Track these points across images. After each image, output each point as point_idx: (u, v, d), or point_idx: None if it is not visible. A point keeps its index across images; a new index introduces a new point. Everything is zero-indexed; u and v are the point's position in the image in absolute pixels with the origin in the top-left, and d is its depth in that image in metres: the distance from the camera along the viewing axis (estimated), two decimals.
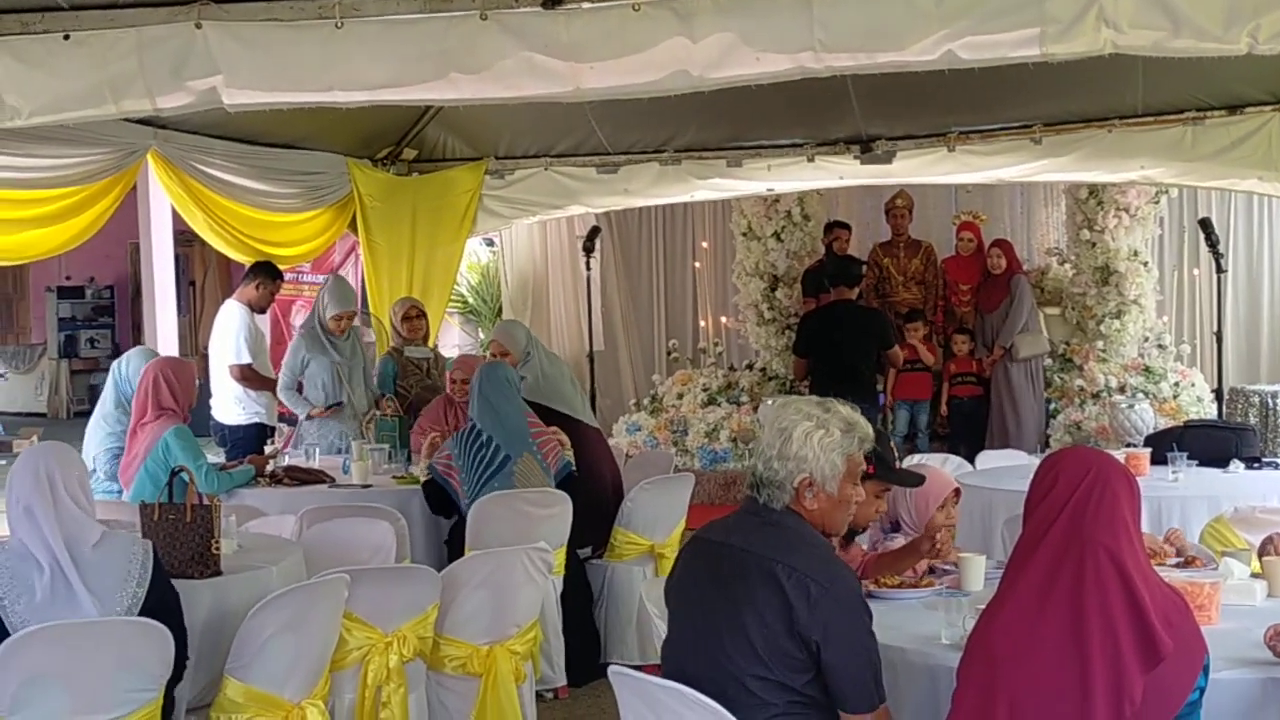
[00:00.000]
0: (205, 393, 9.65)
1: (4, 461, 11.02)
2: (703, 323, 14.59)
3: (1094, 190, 11.84)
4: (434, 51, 5.59)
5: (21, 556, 4.20)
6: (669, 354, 14.18)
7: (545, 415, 7.23)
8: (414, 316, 9.36)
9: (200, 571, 4.92)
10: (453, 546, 6.74)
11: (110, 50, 5.75)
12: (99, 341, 23.34)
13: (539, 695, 6.19)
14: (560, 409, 7.46)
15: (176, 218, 9.58)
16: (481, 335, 15.95)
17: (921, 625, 4.07)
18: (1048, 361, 11.93)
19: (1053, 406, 11.78)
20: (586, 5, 5.41)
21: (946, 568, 4.76)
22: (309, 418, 8.82)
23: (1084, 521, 3.18)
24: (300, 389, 8.87)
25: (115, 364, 7.76)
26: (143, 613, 4.30)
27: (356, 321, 9.93)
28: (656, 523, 7.26)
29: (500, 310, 15.29)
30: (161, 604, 4.40)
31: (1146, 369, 11.75)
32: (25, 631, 4.05)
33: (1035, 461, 6.33)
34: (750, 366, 13.23)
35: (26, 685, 4.05)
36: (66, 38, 5.76)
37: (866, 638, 3.52)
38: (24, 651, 4.03)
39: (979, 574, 4.52)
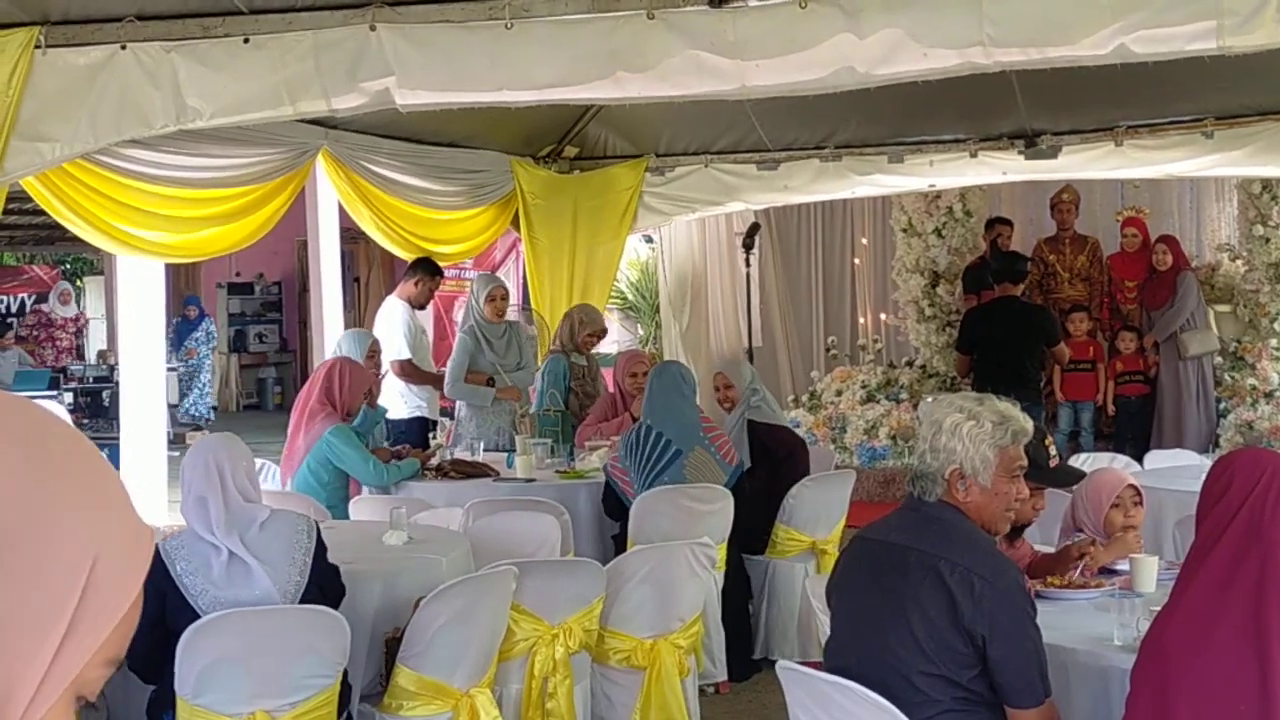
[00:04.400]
0: None
1: (176, 453, 11.31)
2: (862, 319, 14.49)
3: (1268, 184, 11.52)
4: (602, 51, 5.64)
5: (197, 538, 4.38)
6: (828, 350, 14.13)
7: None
8: (599, 334, 9.42)
9: None
10: (619, 544, 6.80)
11: (288, 53, 5.89)
12: (267, 336, 23.90)
13: (700, 690, 6.22)
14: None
15: (342, 215, 9.79)
16: (640, 331, 16.04)
17: (1093, 626, 4.02)
18: (1218, 360, 11.65)
19: (1223, 406, 11.50)
20: (753, 3, 5.41)
21: (1118, 568, 4.69)
22: (497, 400, 8.92)
23: (1262, 522, 3.12)
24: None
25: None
26: (312, 581, 4.47)
27: (515, 316, 10.04)
28: (818, 519, 7.25)
29: (658, 307, 15.36)
30: (329, 574, 4.61)
31: None
32: (207, 619, 4.20)
33: (1206, 462, 6.23)
34: (910, 364, 13.13)
35: (210, 669, 4.20)
36: (246, 41, 5.91)
37: (1032, 631, 3.50)
38: (207, 637, 4.18)
39: (1151, 575, 4.45)
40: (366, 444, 7.41)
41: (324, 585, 4.56)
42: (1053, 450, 4.51)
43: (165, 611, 4.34)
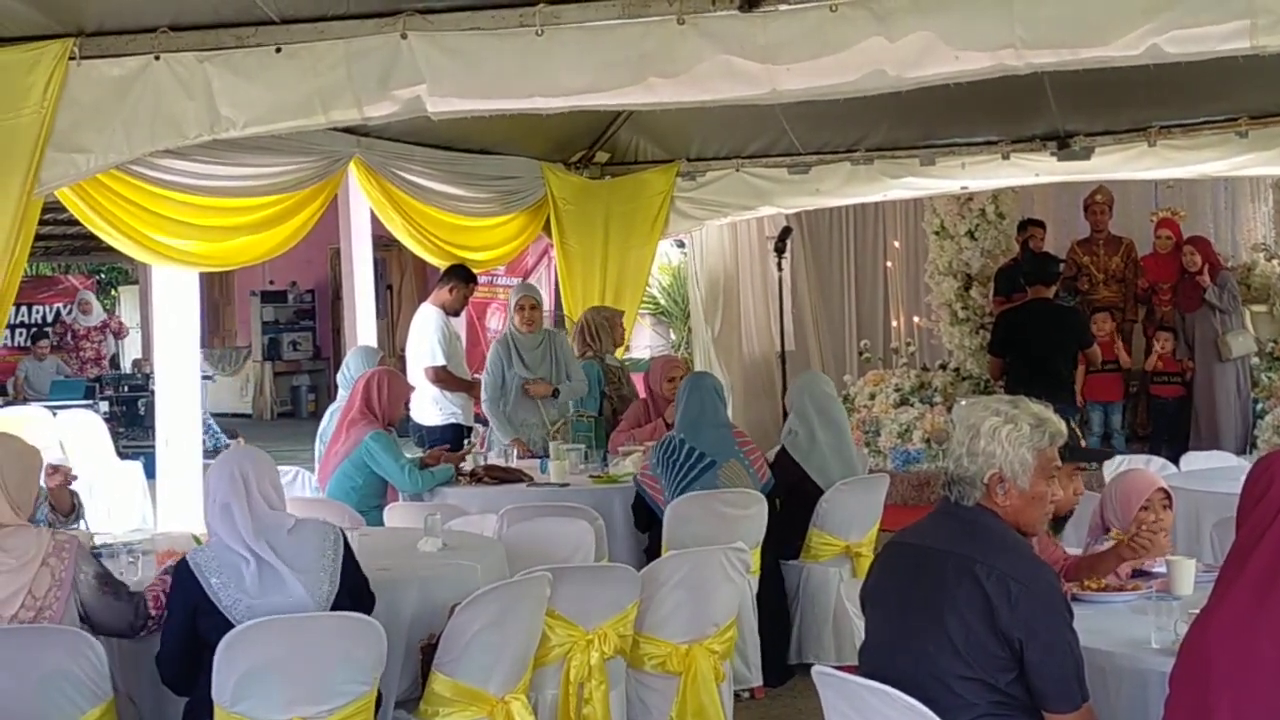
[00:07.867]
0: None
1: (212, 461, 11.36)
2: (895, 322, 14.47)
3: None
4: (632, 56, 5.64)
5: (226, 549, 4.38)
6: (860, 354, 14.10)
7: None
8: (615, 318, 9.42)
9: None
10: (651, 554, 6.75)
11: (320, 61, 5.92)
12: (300, 344, 23.99)
13: (735, 695, 6.20)
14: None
15: (375, 223, 9.81)
16: (673, 336, 16.04)
17: (1130, 629, 4.01)
18: (1254, 360, 11.56)
19: (1260, 406, 11.41)
20: (783, 7, 5.41)
21: (1155, 571, 4.67)
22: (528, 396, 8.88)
23: None
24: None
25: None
26: (343, 589, 4.48)
27: (550, 325, 10.04)
28: (852, 523, 7.22)
29: (690, 312, 15.34)
30: (360, 581, 4.62)
31: None
32: (244, 626, 4.21)
33: (1243, 463, 6.19)
34: (943, 366, 13.09)
35: (247, 677, 4.20)
36: (278, 50, 5.93)
37: (1069, 635, 3.49)
38: (244, 645, 4.18)
39: (1189, 577, 4.42)
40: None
41: (354, 594, 4.57)
42: (1084, 443, 4.50)
43: (197, 625, 4.35)
